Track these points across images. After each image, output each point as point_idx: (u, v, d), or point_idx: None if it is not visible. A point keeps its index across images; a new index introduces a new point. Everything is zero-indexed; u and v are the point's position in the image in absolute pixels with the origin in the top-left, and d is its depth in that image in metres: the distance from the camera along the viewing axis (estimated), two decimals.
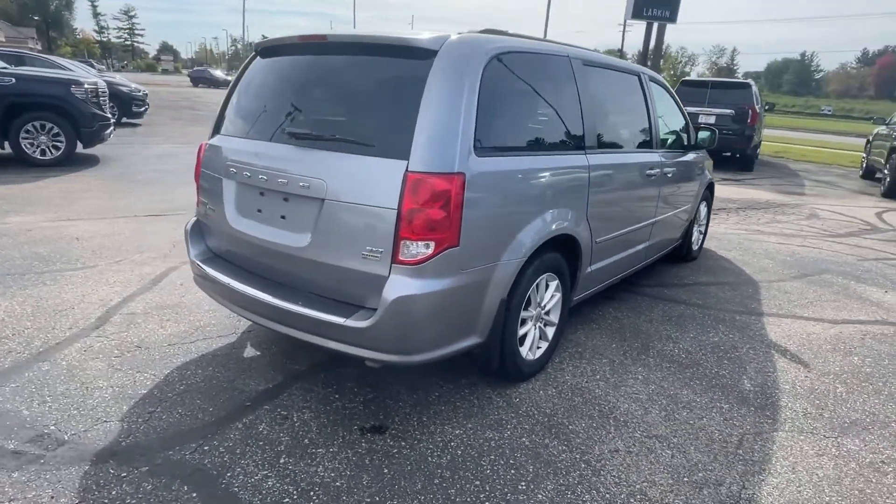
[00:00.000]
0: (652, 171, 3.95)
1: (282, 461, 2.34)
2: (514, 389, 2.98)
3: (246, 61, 3.16)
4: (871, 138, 12.19)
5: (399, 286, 2.31)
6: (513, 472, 2.35)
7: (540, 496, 2.21)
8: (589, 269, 3.39)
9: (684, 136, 4.70)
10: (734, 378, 3.24)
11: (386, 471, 2.32)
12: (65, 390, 2.76)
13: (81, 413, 2.59)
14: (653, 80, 4.23)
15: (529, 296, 2.90)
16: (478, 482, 2.28)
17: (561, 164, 2.97)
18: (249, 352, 3.26)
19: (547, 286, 3.05)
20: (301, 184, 2.49)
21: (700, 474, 2.39)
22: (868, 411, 2.97)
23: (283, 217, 2.64)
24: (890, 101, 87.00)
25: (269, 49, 3.02)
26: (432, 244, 2.31)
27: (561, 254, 3.05)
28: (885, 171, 10.19)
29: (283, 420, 2.63)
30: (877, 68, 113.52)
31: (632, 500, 2.21)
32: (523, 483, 2.28)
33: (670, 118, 4.41)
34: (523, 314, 2.89)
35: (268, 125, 2.78)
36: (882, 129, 11.33)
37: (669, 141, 4.35)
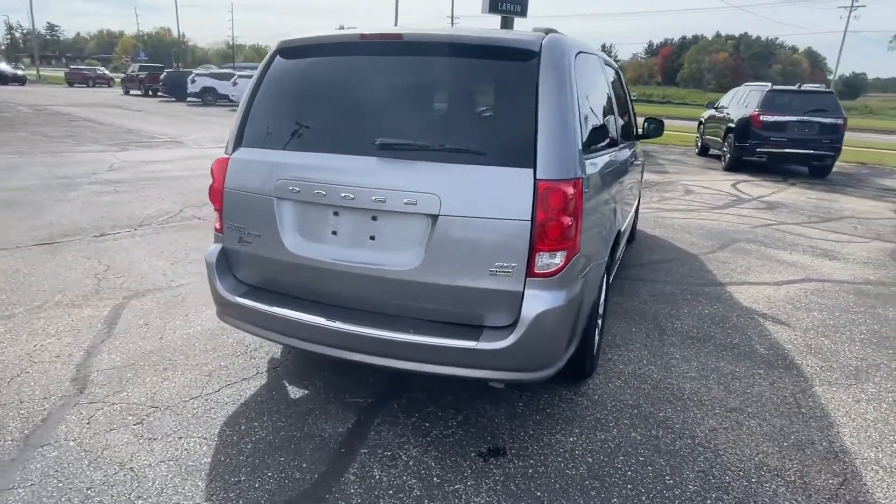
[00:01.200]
0: (636, 161, 4.22)
1: None
2: (585, 387, 3.01)
3: (264, 63, 2.73)
4: (703, 120, 14.15)
5: (538, 301, 2.20)
6: (649, 468, 2.39)
7: (691, 486, 2.28)
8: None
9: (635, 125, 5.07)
10: (747, 345, 3.60)
11: (539, 493, 2.22)
12: (104, 478, 2.21)
13: (150, 501, 2.10)
14: (622, 75, 4.49)
15: None
16: (629, 485, 2.28)
17: (616, 159, 3.05)
18: (294, 391, 2.88)
19: None
20: (405, 200, 2.24)
21: (792, 437, 2.64)
22: (859, 357, 3.50)
23: (372, 238, 2.36)
24: (675, 87, 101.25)
25: (300, 49, 2.65)
26: (563, 254, 2.23)
27: None
28: (725, 149, 11.93)
29: (393, 461, 2.38)
30: (660, 58, 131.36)
31: (762, 472, 2.38)
32: (667, 477, 2.34)
33: (631, 109, 4.72)
34: None
35: (336, 135, 2.45)
36: (714, 113, 13.22)
37: (634, 131, 4.66)
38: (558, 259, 2.23)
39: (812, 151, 10.71)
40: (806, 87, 11.62)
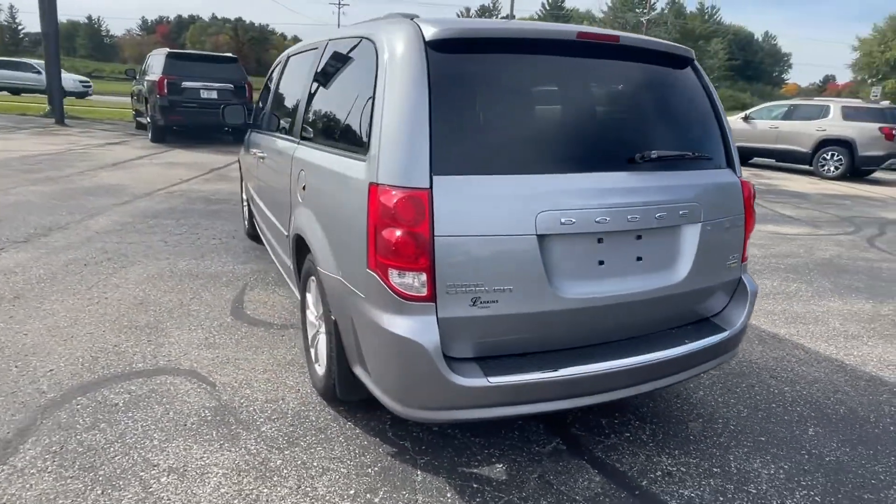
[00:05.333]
0: None
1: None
2: None
3: (416, 61, 1.90)
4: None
5: (750, 282, 2.55)
6: (765, 389, 3.08)
7: (787, 390, 3.10)
8: None
9: None
10: None
11: (765, 438, 2.61)
12: None
13: None
14: None
15: None
16: (760, 411, 2.91)
17: None
18: (466, 463, 2.27)
19: None
20: (681, 212, 2.17)
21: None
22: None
23: (638, 259, 2.16)
24: None
25: (482, 42, 2.03)
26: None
27: None
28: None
29: (671, 476, 2.29)
30: (159, 36, 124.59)
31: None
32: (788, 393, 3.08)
33: None
34: None
35: (579, 150, 2.11)
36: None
37: None
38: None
39: None
40: None
